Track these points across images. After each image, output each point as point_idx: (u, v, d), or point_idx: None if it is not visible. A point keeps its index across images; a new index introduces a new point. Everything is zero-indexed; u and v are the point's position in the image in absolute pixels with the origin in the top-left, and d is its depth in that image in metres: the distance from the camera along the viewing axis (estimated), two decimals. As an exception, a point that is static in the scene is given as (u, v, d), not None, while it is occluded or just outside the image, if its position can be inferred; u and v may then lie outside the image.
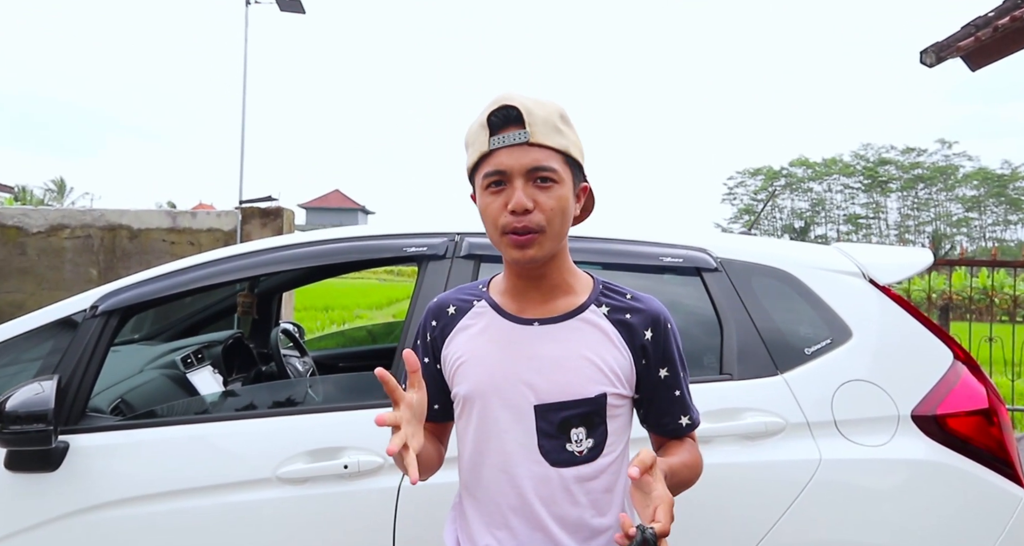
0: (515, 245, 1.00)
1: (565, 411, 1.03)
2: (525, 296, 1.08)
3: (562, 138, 1.02)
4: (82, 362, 1.75)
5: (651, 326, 1.07)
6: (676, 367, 1.09)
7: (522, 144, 1.00)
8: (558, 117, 1.03)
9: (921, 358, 1.70)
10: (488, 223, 1.03)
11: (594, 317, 1.07)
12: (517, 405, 1.04)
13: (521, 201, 0.99)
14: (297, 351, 3.09)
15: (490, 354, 1.06)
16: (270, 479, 1.63)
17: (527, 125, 1.00)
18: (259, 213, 5.03)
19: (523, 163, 0.99)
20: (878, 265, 1.83)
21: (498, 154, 1.00)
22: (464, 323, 1.10)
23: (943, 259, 4.63)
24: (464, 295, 1.14)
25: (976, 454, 1.60)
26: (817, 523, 1.57)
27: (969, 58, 4.16)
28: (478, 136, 1.03)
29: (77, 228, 4.92)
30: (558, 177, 1.01)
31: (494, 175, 1.01)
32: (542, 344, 1.05)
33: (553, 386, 1.03)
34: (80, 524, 1.63)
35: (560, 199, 1.01)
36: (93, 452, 1.68)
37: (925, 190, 70.07)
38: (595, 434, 1.04)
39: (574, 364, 1.03)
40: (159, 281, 1.88)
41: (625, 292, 1.10)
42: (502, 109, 1.00)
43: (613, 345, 1.05)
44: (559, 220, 1.01)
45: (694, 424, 1.12)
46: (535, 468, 1.03)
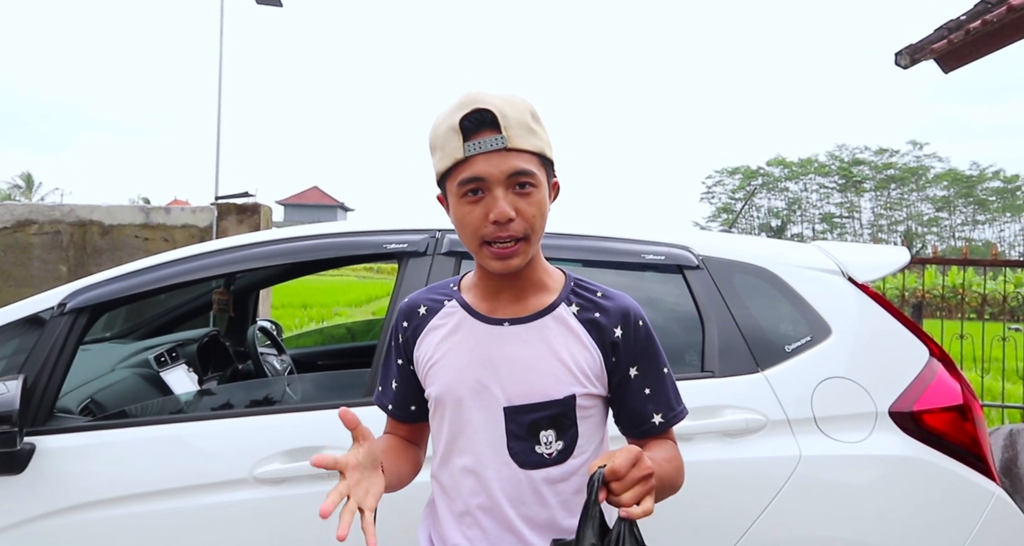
0: (497, 257, 0.98)
1: (534, 413, 1.01)
2: (497, 295, 1.06)
3: (536, 139, 1.00)
4: (49, 361, 1.69)
5: (621, 323, 1.05)
6: (648, 364, 1.07)
7: (500, 150, 0.96)
8: (530, 117, 1.00)
9: (898, 355, 1.72)
10: (466, 233, 1.00)
11: (564, 316, 1.05)
12: (487, 407, 1.03)
13: (505, 211, 0.95)
14: (275, 349, 3.05)
15: (461, 355, 1.05)
16: (247, 480, 1.59)
17: (503, 129, 0.96)
18: (235, 209, 4.94)
19: (503, 170, 0.96)
20: (857, 263, 1.85)
21: (475, 161, 0.96)
22: (435, 323, 1.09)
23: (918, 257, 4.72)
24: (435, 295, 1.12)
25: (951, 450, 1.62)
26: (797, 519, 1.58)
27: (942, 60, 4.24)
28: (449, 140, 0.98)
29: (46, 224, 4.78)
30: (536, 181, 0.99)
31: (471, 183, 0.97)
32: (512, 345, 1.03)
33: (522, 388, 1.02)
34: (48, 527, 1.58)
35: (540, 204, 0.99)
36: (61, 454, 1.63)
37: (897, 190, 71.56)
38: (565, 436, 1.03)
39: (543, 365, 1.02)
40: (131, 278, 1.83)
41: (596, 289, 1.09)
42: (475, 113, 0.96)
43: (582, 344, 1.04)
44: (540, 225, 1.00)
45: (669, 422, 1.08)
46: (504, 470, 1.02)
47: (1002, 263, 4.72)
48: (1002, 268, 5.56)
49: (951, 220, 70.66)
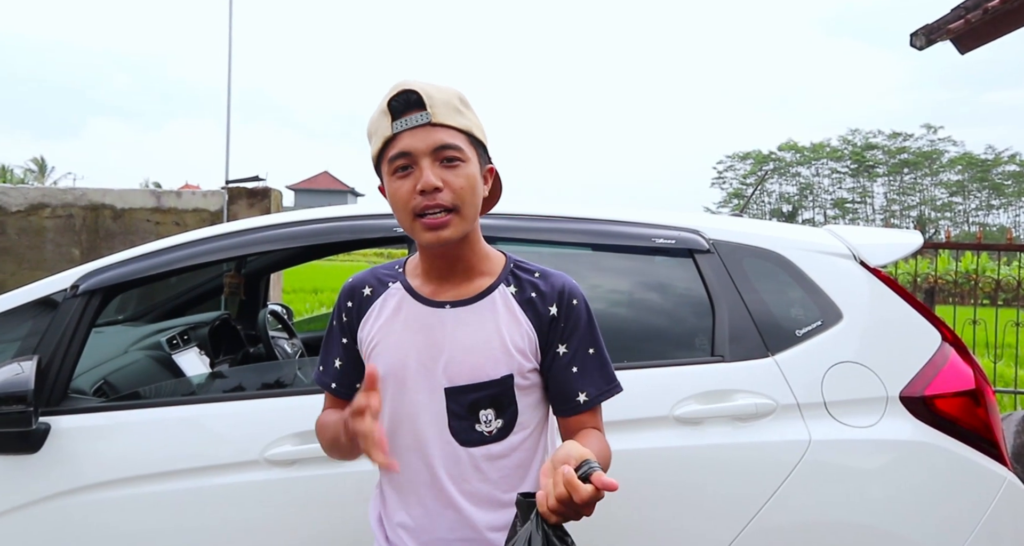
0: (427, 228, 1.01)
1: (474, 393, 1.05)
2: (439, 278, 1.09)
3: (463, 118, 1.03)
4: (63, 342, 1.71)
5: (555, 302, 1.08)
6: (578, 343, 1.08)
7: (425, 125, 1.00)
8: (457, 100, 1.04)
9: (910, 340, 1.71)
10: (399, 208, 1.03)
11: (502, 297, 1.08)
12: (429, 388, 1.06)
13: (430, 180, 0.99)
14: (285, 333, 3.07)
15: (403, 338, 1.07)
16: (257, 461, 1.61)
17: (428, 107, 1.01)
18: (246, 193, 4.95)
19: (428, 143, 1.00)
20: (869, 247, 1.83)
21: (402, 137, 1.01)
22: (378, 305, 1.11)
23: (930, 242, 4.67)
24: (379, 276, 1.14)
25: (963, 435, 1.61)
26: (806, 504, 1.58)
27: (959, 41, 4.14)
28: (380, 123, 1.03)
29: (58, 207, 4.82)
30: (464, 155, 1.02)
31: (400, 158, 1.01)
32: (453, 327, 1.06)
33: (462, 369, 1.05)
34: (62, 506, 1.61)
35: (468, 177, 1.02)
36: (75, 434, 1.65)
37: (911, 175, 70.62)
38: (505, 414, 1.06)
39: (482, 346, 1.05)
40: (143, 260, 1.84)
41: (534, 270, 1.12)
42: (402, 94, 1.01)
43: (519, 324, 1.07)
44: (470, 198, 1.02)
45: (594, 400, 1.09)
46: (446, 448, 1.06)
47: (1017, 248, 4.66)
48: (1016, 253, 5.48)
49: (965, 205, 69.75)
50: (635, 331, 1.84)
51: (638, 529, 1.58)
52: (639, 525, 1.58)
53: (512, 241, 1.82)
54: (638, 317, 1.88)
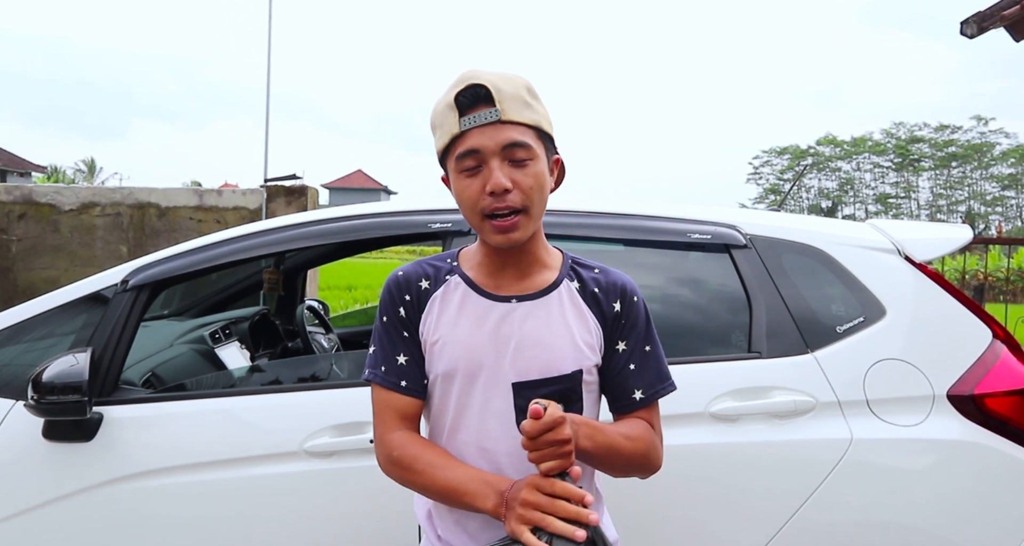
0: (498, 230, 1.00)
1: (543, 388, 1.03)
2: (501, 272, 1.08)
3: (532, 112, 1.01)
4: (114, 335, 1.78)
5: (619, 298, 1.09)
6: (637, 340, 1.09)
7: (494, 123, 0.98)
8: (526, 91, 1.01)
9: (958, 337, 1.65)
10: (466, 207, 1.02)
11: (567, 292, 1.08)
12: (496, 383, 1.04)
13: (500, 181, 0.97)
14: (322, 328, 3.12)
15: (468, 332, 1.06)
16: (297, 452, 1.65)
17: (497, 102, 0.98)
18: (284, 191, 5.05)
19: (497, 142, 0.98)
20: (914, 241, 1.78)
21: (470, 135, 0.99)
22: (438, 298, 1.09)
23: (980, 237, 4.50)
24: (433, 269, 1.11)
25: (1016, 435, 1.56)
26: (847, 503, 1.55)
27: (1013, 28, 3.97)
28: (446, 118, 1.01)
29: (107, 206, 5.00)
30: (533, 153, 1.00)
31: (468, 157, 0.99)
32: (520, 321, 1.05)
33: (531, 364, 1.04)
34: (114, 493, 1.67)
35: (538, 176, 1.00)
36: (126, 423, 1.71)
37: (959, 169, 68.04)
38: (571, 409, 1.04)
39: (551, 341, 1.04)
40: (188, 256, 1.90)
41: (592, 265, 1.12)
42: (469, 88, 0.99)
43: (585, 320, 1.07)
44: (538, 197, 1.01)
45: (649, 398, 1.09)
46: (513, 443, 1.02)
47: (1074, 243, 4.44)
48: (1074, 249, 5.24)
49: (1019, 199, 66.91)
50: (670, 327, 1.82)
51: (673, 525, 1.57)
52: (674, 522, 1.57)
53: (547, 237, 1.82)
54: (673, 313, 1.86)
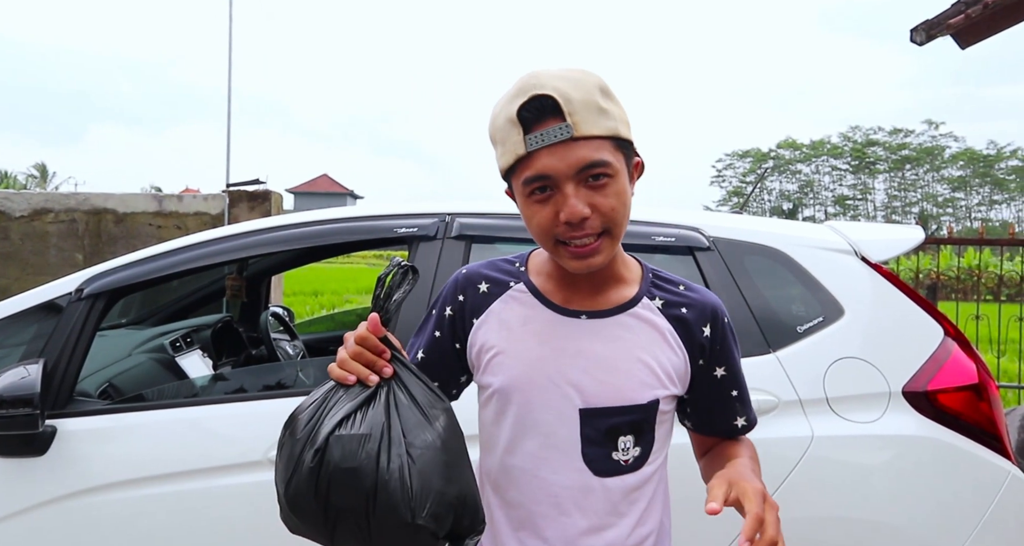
0: (575, 257, 0.89)
1: (614, 417, 0.92)
2: (573, 284, 0.96)
3: (608, 120, 0.86)
4: (68, 346, 1.72)
5: (709, 322, 0.97)
6: (733, 365, 1.00)
7: (565, 141, 0.84)
8: (599, 94, 0.86)
9: (912, 335, 1.71)
10: (537, 233, 0.90)
11: (647, 312, 0.96)
12: (560, 407, 0.93)
13: (576, 211, 0.84)
14: (287, 335, 3.07)
15: (531, 348, 0.94)
16: (261, 462, 1.62)
17: (567, 116, 0.83)
18: (247, 197, 4.96)
19: (570, 163, 0.84)
20: (869, 242, 1.83)
21: (538, 156, 0.84)
22: (499, 306, 0.98)
23: (932, 238, 4.67)
24: (498, 273, 1.00)
25: (966, 429, 1.62)
26: (809, 499, 1.58)
27: (959, 36, 4.14)
28: (509, 134, 0.86)
29: (61, 212, 4.83)
30: (612, 170, 0.86)
31: (536, 181, 0.86)
32: (591, 341, 0.93)
33: (602, 389, 0.92)
34: (70, 508, 1.62)
35: (619, 195, 0.87)
36: (81, 436, 1.66)
37: (912, 171, 70.52)
38: (643, 442, 0.94)
39: (626, 366, 0.93)
40: (146, 264, 1.85)
41: (678, 283, 1.00)
42: (533, 100, 0.84)
43: (668, 344, 0.95)
44: (621, 217, 0.88)
45: (751, 425, 1.03)
46: (576, 477, 0.93)
47: (1019, 242, 4.65)
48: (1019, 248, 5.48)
49: (968, 200, 69.64)
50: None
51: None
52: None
53: (510, 241, 1.83)
54: None
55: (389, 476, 0.79)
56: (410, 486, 0.79)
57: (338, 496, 0.80)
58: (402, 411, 0.83)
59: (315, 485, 0.81)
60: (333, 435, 0.81)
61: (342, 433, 0.81)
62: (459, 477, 0.84)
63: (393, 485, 0.79)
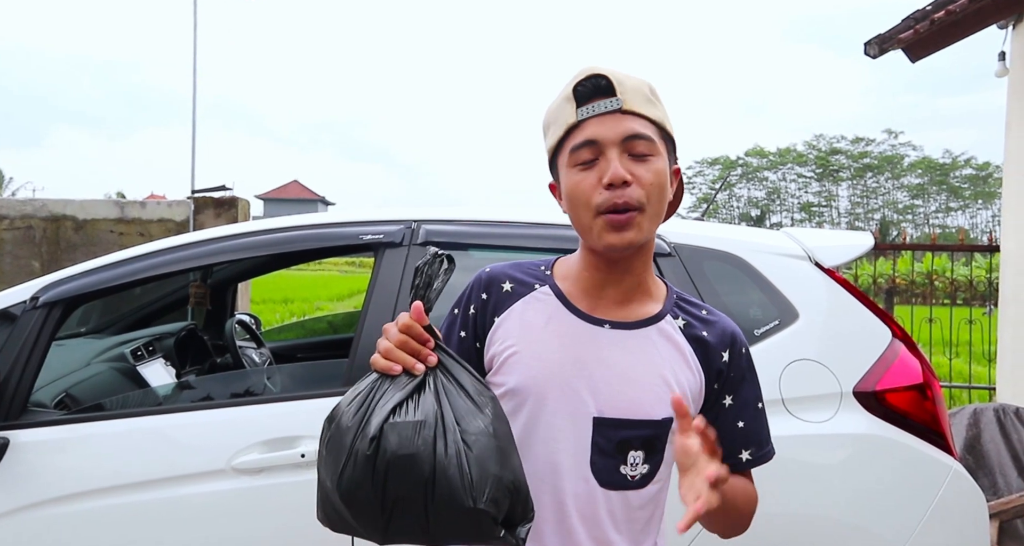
0: (613, 226, 0.88)
1: (627, 430, 0.92)
2: (600, 291, 0.96)
3: (655, 109, 0.92)
4: (22, 355, 1.68)
5: (729, 347, 0.97)
6: (746, 396, 0.99)
7: (614, 112, 0.89)
8: (648, 90, 0.93)
9: (862, 337, 1.77)
10: (578, 204, 0.90)
11: (670, 329, 0.96)
12: (574, 413, 0.92)
13: (619, 172, 0.87)
14: (253, 342, 3.04)
15: (551, 350, 0.94)
16: (224, 470, 1.60)
17: (618, 93, 0.89)
18: (213, 203, 4.89)
19: (617, 132, 0.88)
20: (823, 248, 1.90)
21: (587, 124, 0.89)
22: (521, 307, 0.97)
23: (885, 243, 4.83)
24: (523, 274, 1.00)
25: (912, 427, 1.68)
26: (765, 498, 1.62)
27: (909, 50, 4.32)
28: (562, 110, 0.92)
29: (17, 219, 4.70)
30: (655, 149, 0.90)
31: (584, 148, 0.89)
32: (612, 350, 0.93)
33: (619, 400, 0.92)
34: (24, 521, 1.58)
35: (659, 173, 0.90)
36: (36, 447, 1.62)
37: (873, 179, 72.62)
38: (652, 460, 0.94)
39: (645, 380, 0.92)
40: (105, 271, 1.82)
41: (701, 306, 1.01)
42: (590, 78, 0.90)
43: (688, 365, 0.95)
44: (657, 197, 0.90)
45: (757, 461, 1.00)
46: (582, 485, 0.92)
47: (967, 248, 4.83)
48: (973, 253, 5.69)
49: (926, 207, 71.92)
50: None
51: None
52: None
53: (476, 247, 1.85)
54: None
55: (448, 462, 0.78)
56: (468, 472, 0.78)
57: (396, 484, 0.78)
58: (452, 399, 0.82)
59: (371, 474, 0.78)
60: (388, 423, 0.79)
61: (396, 420, 0.79)
62: (511, 464, 0.82)
63: (452, 471, 0.78)
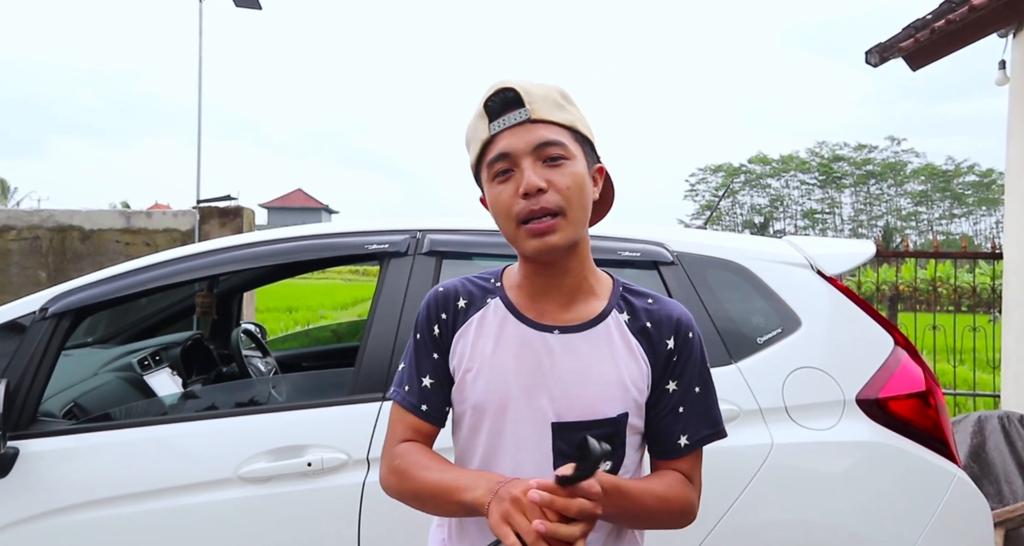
0: (533, 234, 0.91)
1: (585, 431, 0.93)
2: (544, 297, 0.98)
3: (566, 114, 0.95)
4: (32, 365, 1.70)
5: (672, 334, 0.99)
6: (689, 381, 0.99)
7: (524, 123, 0.92)
8: (558, 95, 0.96)
9: (865, 345, 1.78)
10: (501, 216, 0.94)
11: (616, 325, 0.98)
12: (533, 421, 0.95)
13: (532, 181, 0.90)
14: (259, 351, 3.05)
15: (507, 363, 0.96)
16: (231, 479, 1.61)
17: (526, 103, 0.93)
18: (218, 213, 4.92)
19: (528, 141, 0.92)
20: (825, 256, 1.91)
21: (500, 138, 0.93)
22: (475, 321, 0.99)
23: (888, 251, 4.83)
24: (474, 288, 1.02)
25: (915, 434, 1.68)
26: (769, 505, 1.63)
27: (910, 58, 4.35)
28: (477, 127, 0.96)
29: (24, 230, 4.74)
30: (568, 152, 0.93)
31: (499, 161, 0.93)
32: (562, 356, 0.96)
33: (574, 403, 0.94)
34: (33, 530, 1.59)
35: (575, 176, 0.92)
36: (45, 457, 1.64)
37: (876, 186, 72.56)
38: (614, 456, 0.96)
39: (597, 379, 0.95)
40: (113, 282, 1.84)
41: (646, 294, 1.02)
42: (498, 93, 0.94)
43: (634, 357, 0.97)
44: (577, 200, 0.92)
45: (694, 444, 1.00)
46: None
47: (970, 255, 4.83)
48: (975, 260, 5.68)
49: (929, 214, 71.80)
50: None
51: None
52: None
53: (481, 257, 1.87)
54: None
55: None
56: None
57: None
58: None
59: None
60: None
61: None
62: None
63: None
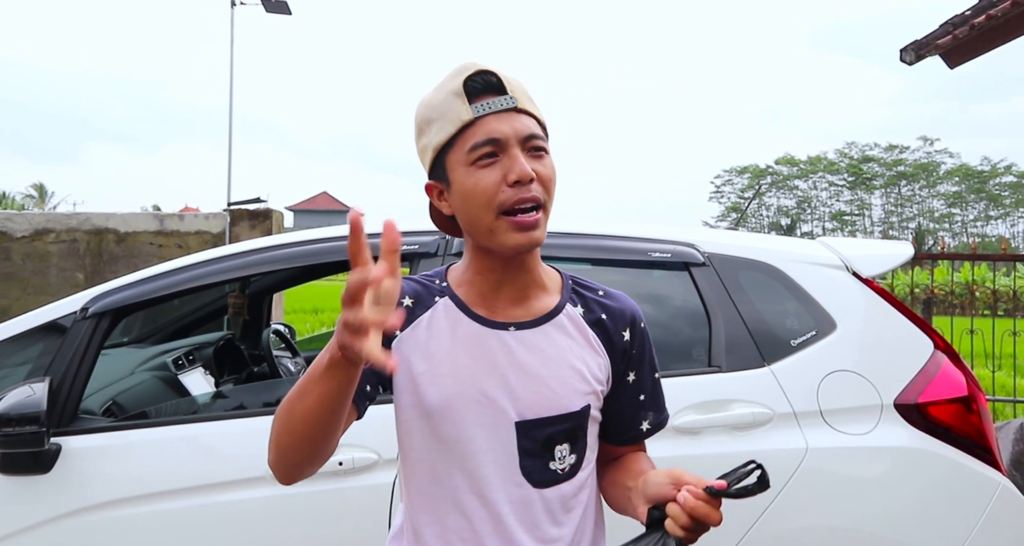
0: (521, 227, 0.87)
1: (550, 427, 0.92)
2: (496, 294, 0.94)
3: (536, 108, 0.93)
4: (73, 364, 1.74)
5: (629, 326, 0.99)
6: (645, 369, 1.01)
7: (510, 110, 0.88)
8: (527, 88, 0.94)
9: (903, 348, 1.74)
10: (479, 204, 0.87)
11: (571, 319, 0.97)
12: (495, 422, 0.91)
13: (526, 169, 0.86)
14: (289, 352, 3.10)
15: (461, 363, 0.92)
16: (263, 478, 1.63)
17: (509, 91, 0.89)
18: (247, 215, 5.01)
19: (518, 130, 0.88)
20: (861, 258, 1.87)
21: (486, 121, 0.87)
22: (424, 321, 0.94)
23: (924, 253, 4.71)
24: (420, 288, 0.96)
25: (957, 441, 1.64)
26: (804, 511, 1.60)
27: (947, 56, 4.23)
28: (451, 106, 0.89)
29: (62, 232, 4.87)
30: (547, 147, 0.92)
31: (487, 145, 0.87)
32: (520, 353, 0.93)
33: (536, 400, 0.92)
34: (74, 526, 1.63)
35: (553, 170, 0.91)
36: (86, 454, 1.68)
37: (908, 187, 71.01)
38: (577, 448, 0.95)
39: (557, 374, 0.93)
40: (150, 282, 1.88)
41: (597, 288, 1.01)
42: (480, 74, 0.89)
43: (593, 349, 0.97)
44: (552, 194, 0.91)
45: (654, 429, 1.03)
46: (516, 491, 0.91)
47: (1010, 258, 4.69)
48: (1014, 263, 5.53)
49: (963, 216, 70.01)
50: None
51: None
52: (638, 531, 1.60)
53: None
54: None
55: None
56: None
57: None
58: None
59: None
60: None
61: None
62: None
63: None
